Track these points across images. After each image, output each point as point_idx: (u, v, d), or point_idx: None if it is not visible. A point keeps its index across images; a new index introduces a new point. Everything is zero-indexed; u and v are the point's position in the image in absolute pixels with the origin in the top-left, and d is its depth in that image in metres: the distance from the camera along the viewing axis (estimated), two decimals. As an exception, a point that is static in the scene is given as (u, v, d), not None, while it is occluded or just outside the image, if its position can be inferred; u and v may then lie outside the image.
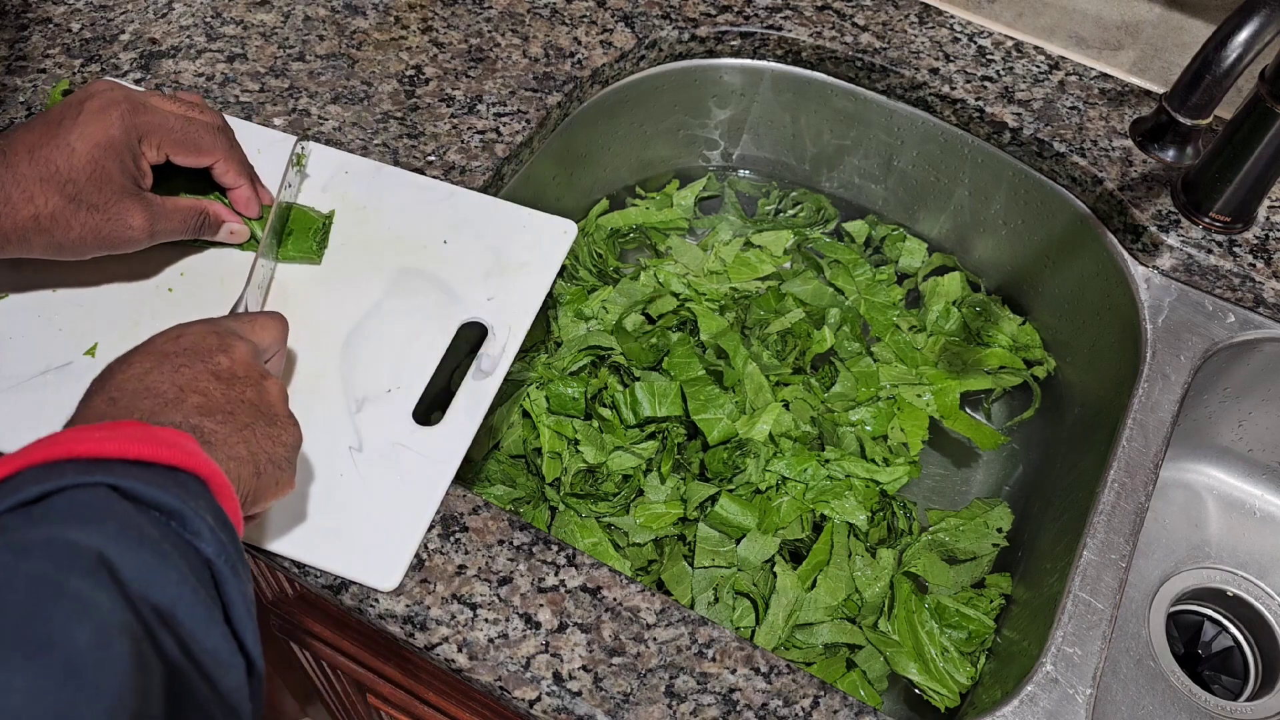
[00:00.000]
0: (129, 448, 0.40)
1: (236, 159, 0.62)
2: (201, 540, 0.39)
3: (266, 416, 0.48)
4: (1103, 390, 0.79)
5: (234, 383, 0.48)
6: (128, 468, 0.39)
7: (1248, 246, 0.77)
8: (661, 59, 0.88)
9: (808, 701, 0.55)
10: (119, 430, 0.41)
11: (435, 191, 0.69)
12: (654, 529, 0.73)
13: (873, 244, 0.95)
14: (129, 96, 0.57)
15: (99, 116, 0.55)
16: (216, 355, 0.48)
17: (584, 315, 0.84)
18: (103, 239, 0.57)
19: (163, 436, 0.41)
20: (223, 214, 0.63)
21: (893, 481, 0.77)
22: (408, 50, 0.82)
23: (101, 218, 0.56)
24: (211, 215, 0.62)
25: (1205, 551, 0.85)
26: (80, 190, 0.55)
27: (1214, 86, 0.61)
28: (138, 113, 0.57)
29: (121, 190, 0.56)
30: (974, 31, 0.88)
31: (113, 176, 0.55)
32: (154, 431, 0.41)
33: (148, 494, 0.38)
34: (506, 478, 0.76)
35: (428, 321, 0.63)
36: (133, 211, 0.57)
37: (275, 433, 0.48)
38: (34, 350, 0.60)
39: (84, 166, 0.54)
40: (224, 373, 0.48)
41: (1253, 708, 0.78)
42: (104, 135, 0.55)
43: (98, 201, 0.55)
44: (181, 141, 0.59)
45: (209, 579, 0.39)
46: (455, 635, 0.56)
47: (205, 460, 0.42)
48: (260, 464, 0.47)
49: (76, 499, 0.37)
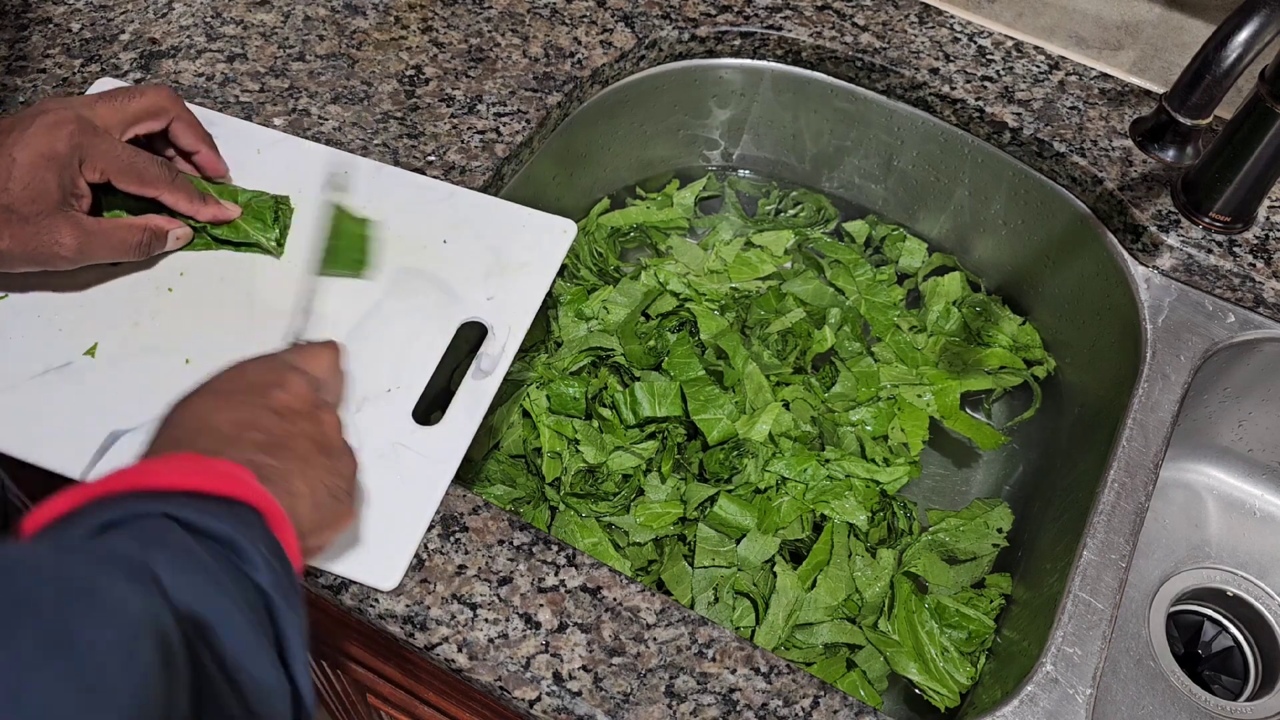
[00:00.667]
0: (186, 479, 0.41)
1: (182, 189, 0.62)
2: (257, 571, 0.40)
3: (324, 449, 0.49)
4: (1103, 390, 0.79)
5: (291, 418, 0.48)
6: (185, 498, 0.40)
7: (1248, 246, 0.77)
8: (661, 59, 0.88)
9: (808, 701, 0.55)
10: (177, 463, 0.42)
11: (435, 191, 0.69)
12: (654, 528, 0.73)
13: (873, 244, 0.95)
14: (80, 117, 0.57)
15: (47, 131, 0.55)
16: (273, 392, 0.49)
17: (584, 315, 0.84)
18: (30, 253, 0.56)
19: (219, 469, 0.42)
20: (163, 224, 0.62)
21: (893, 481, 0.77)
22: (408, 50, 0.82)
23: (30, 230, 0.55)
24: (154, 229, 0.62)
25: (1205, 551, 0.85)
26: (13, 200, 0.54)
27: (1214, 86, 0.61)
28: (85, 134, 0.57)
29: (54, 206, 0.56)
30: (974, 31, 0.88)
31: (48, 190, 0.55)
32: (211, 464, 0.42)
33: (204, 524, 0.39)
34: (506, 478, 0.76)
35: (427, 321, 0.63)
36: (61, 229, 0.56)
37: (332, 464, 0.49)
38: (34, 350, 0.60)
39: (21, 177, 0.54)
40: (281, 408, 0.48)
41: (1253, 708, 0.78)
42: (48, 148, 0.55)
43: (28, 214, 0.55)
44: (125, 170, 0.58)
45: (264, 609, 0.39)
46: (455, 635, 0.56)
47: (261, 492, 0.43)
48: (318, 497, 0.47)
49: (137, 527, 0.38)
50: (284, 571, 0.41)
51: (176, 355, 0.61)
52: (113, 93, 0.60)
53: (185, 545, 0.38)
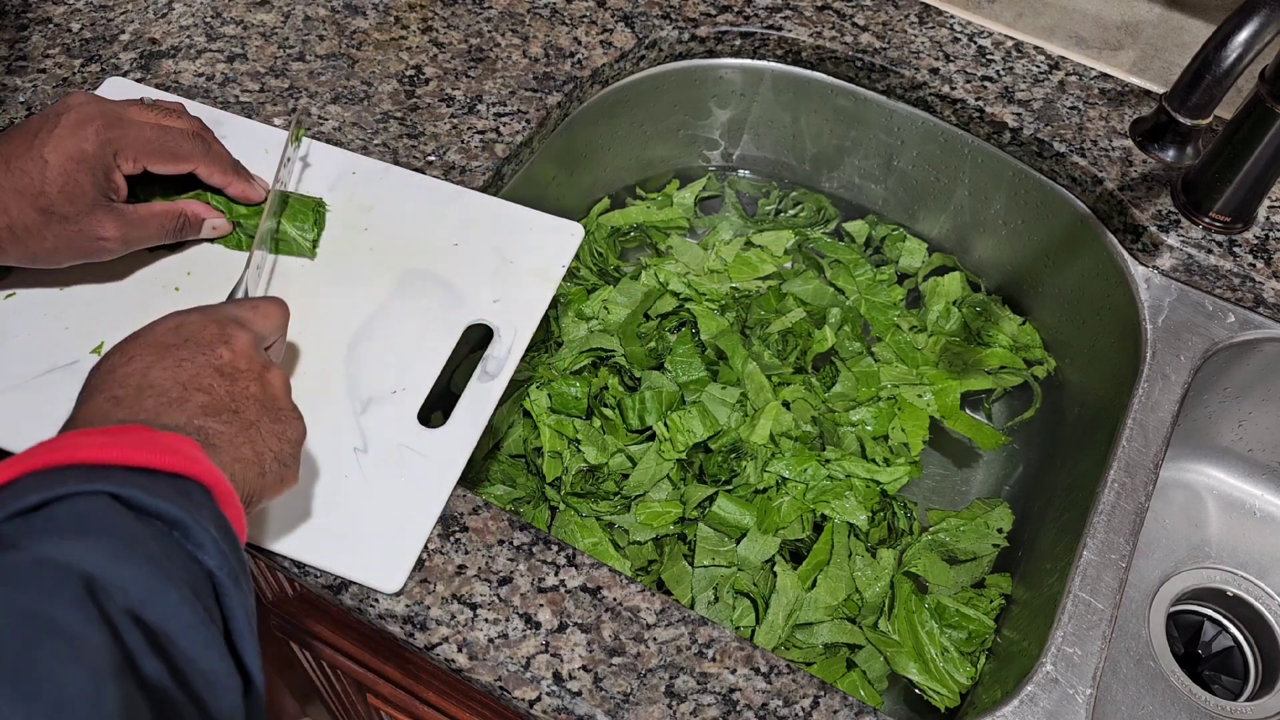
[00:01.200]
0: (132, 454, 0.39)
1: (218, 160, 0.62)
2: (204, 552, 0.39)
3: (271, 411, 0.48)
4: (1103, 390, 0.79)
5: (237, 377, 0.47)
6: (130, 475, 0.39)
7: (1248, 246, 0.77)
8: (661, 59, 0.88)
9: (808, 701, 0.55)
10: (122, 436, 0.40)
11: (442, 193, 0.69)
12: (654, 527, 0.73)
13: (873, 244, 0.95)
14: (104, 111, 0.57)
15: (74, 131, 0.55)
16: (218, 347, 0.48)
17: (584, 315, 0.84)
18: (76, 249, 0.57)
19: (166, 443, 0.41)
20: (201, 211, 0.63)
21: (893, 481, 0.77)
22: (408, 50, 0.82)
23: (74, 229, 0.56)
24: (190, 215, 0.62)
25: (1205, 551, 0.85)
26: (52, 202, 0.55)
27: (1214, 86, 0.61)
28: (112, 127, 0.57)
29: (93, 203, 0.56)
30: (974, 31, 0.88)
31: (84, 189, 0.56)
32: (157, 437, 0.41)
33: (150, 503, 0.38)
34: (507, 478, 0.76)
35: (433, 323, 0.63)
36: (104, 223, 0.57)
37: (280, 429, 0.48)
38: (40, 348, 0.60)
39: (56, 179, 0.55)
40: (226, 367, 0.47)
41: (1253, 708, 0.78)
42: (77, 149, 0.55)
43: (69, 213, 0.55)
44: (158, 151, 0.59)
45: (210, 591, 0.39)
46: (455, 635, 0.56)
47: (209, 467, 0.42)
48: (265, 463, 0.46)
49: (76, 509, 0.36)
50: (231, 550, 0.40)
51: None
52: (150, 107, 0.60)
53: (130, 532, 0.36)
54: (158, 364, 0.46)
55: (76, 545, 0.35)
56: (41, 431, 0.57)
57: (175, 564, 0.37)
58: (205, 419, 0.45)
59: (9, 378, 0.59)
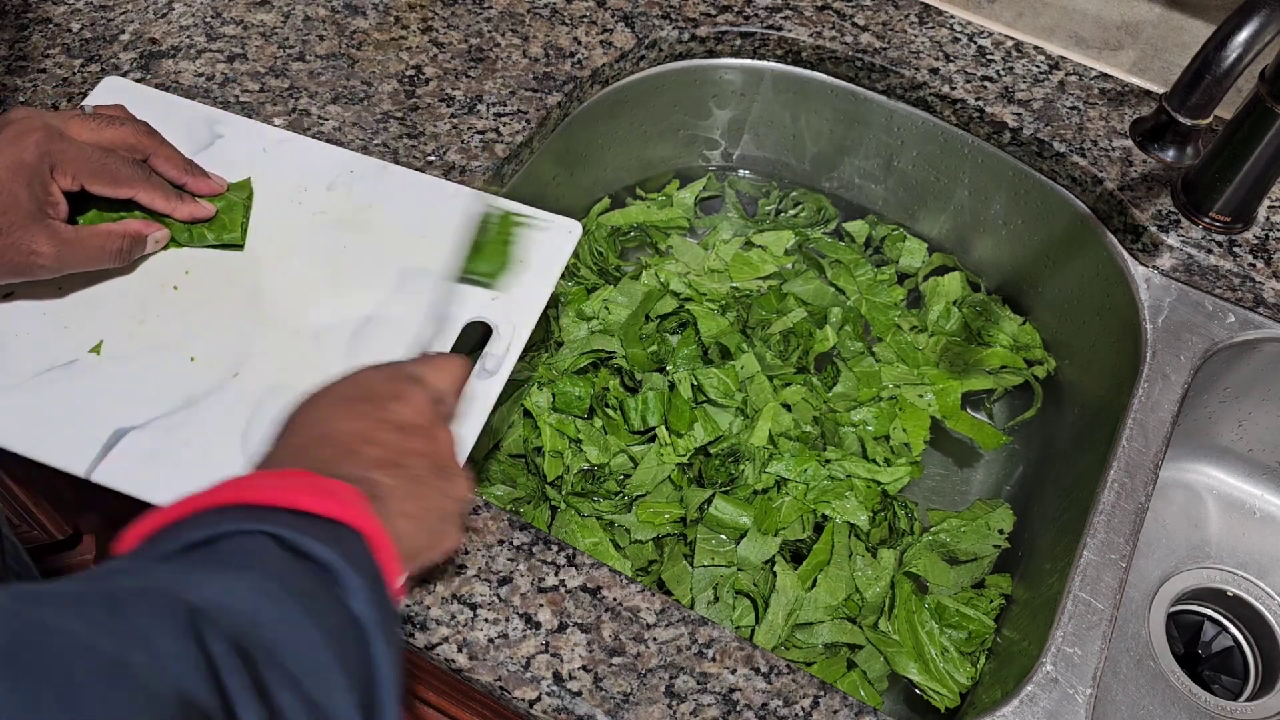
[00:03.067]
0: (294, 498, 0.40)
1: (158, 188, 0.61)
2: (354, 598, 0.39)
3: (438, 469, 0.48)
4: (1103, 390, 0.79)
5: (409, 433, 0.48)
6: (289, 517, 0.39)
7: (1248, 246, 0.77)
8: (661, 59, 0.88)
9: (808, 701, 0.55)
10: (288, 480, 0.41)
11: (441, 191, 0.69)
12: (655, 525, 0.73)
13: (873, 244, 0.95)
14: (46, 124, 0.56)
15: (13, 141, 0.55)
16: (394, 404, 0.48)
17: (585, 315, 0.84)
18: (7, 264, 0.56)
19: (330, 488, 0.41)
20: (141, 228, 0.62)
21: (894, 482, 0.77)
22: (408, 50, 0.82)
23: (5, 242, 0.55)
24: (133, 235, 0.61)
25: (1205, 551, 0.85)
26: None
27: (1214, 86, 0.61)
28: (53, 140, 0.56)
29: (28, 216, 0.55)
30: (974, 31, 0.88)
31: (20, 201, 0.55)
32: (322, 483, 0.42)
33: (303, 545, 0.38)
34: (507, 478, 0.76)
35: (432, 320, 0.63)
36: (37, 238, 0.56)
37: (446, 486, 0.48)
38: (39, 347, 0.60)
39: None
40: (400, 422, 0.48)
41: (1253, 708, 0.78)
42: (15, 159, 0.54)
43: (1, 225, 0.54)
44: (97, 173, 0.58)
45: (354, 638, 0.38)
46: (455, 635, 0.56)
47: (369, 516, 0.42)
48: (428, 520, 0.47)
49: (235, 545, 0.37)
50: (382, 601, 0.40)
51: (182, 353, 0.61)
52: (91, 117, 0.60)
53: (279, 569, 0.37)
54: (337, 416, 0.47)
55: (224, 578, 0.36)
56: (42, 429, 0.57)
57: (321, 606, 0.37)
58: (373, 471, 0.45)
59: (9, 376, 0.59)
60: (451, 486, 0.49)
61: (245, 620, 0.35)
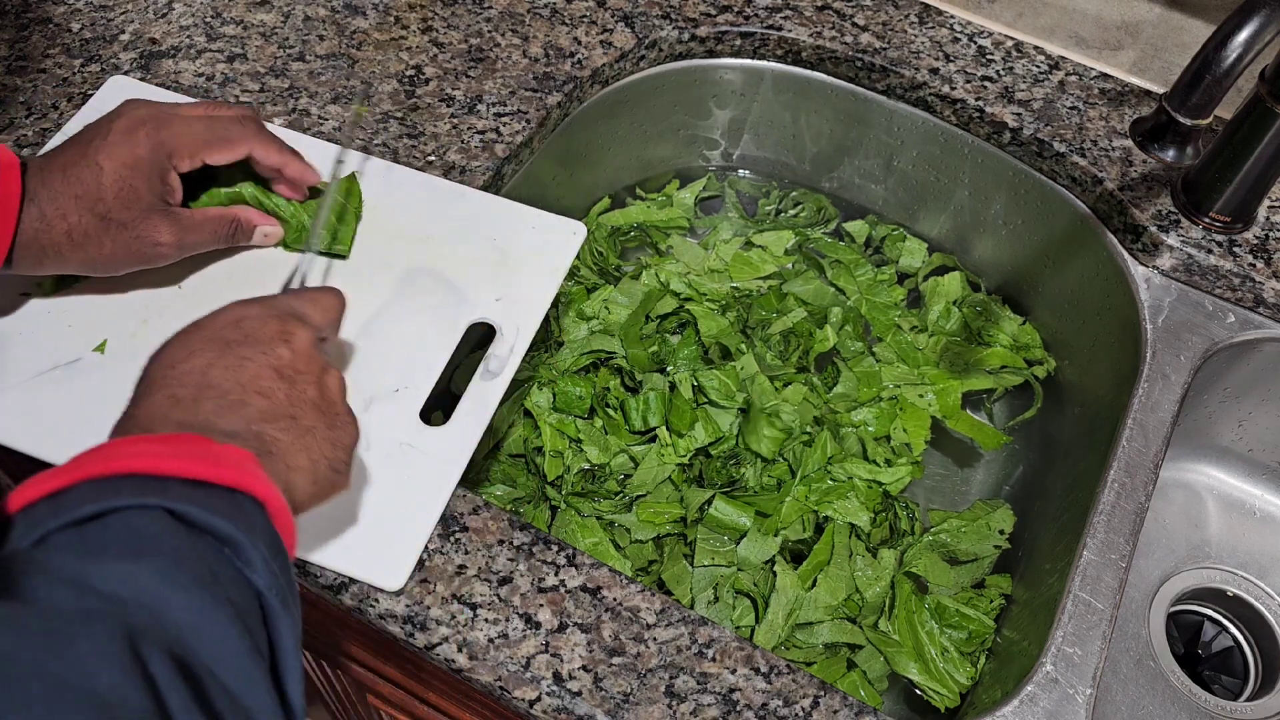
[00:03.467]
0: (189, 466, 0.39)
1: (271, 141, 0.61)
2: (254, 571, 0.38)
3: (327, 417, 0.47)
4: (1103, 390, 0.79)
5: (296, 380, 0.47)
6: (185, 488, 0.38)
7: (1248, 246, 0.77)
8: (661, 59, 0.88)
9: (808, 701, 0.55)
10: (181, 446, 0.40)
11: (445, 191, 0.69)
12: (656, 524, 0.73)
13: (873, 244, 0.95)
14: (154, 114, 0.57)
15: (125, 136, 0.56)
16: (278, 346, 0.47)
17: (585, 315, 0.84)
18: (133, 255, 0.57)
19: (224, 455, 0.40)
20: (254, 218, 0.63)
21: (895, 482, 0.77)
22: (408, 50, 0.82)
23: (130, 235, 0.56)
24: (243, 221, 0.62)
25: (1205, 551, 0.85)
26: (109, 209, 0.55)
27: (1214, 86, 0.61)
28: (162, 128, 0.57)
29: (149, 208, 0.56)
30: (974, 31, 0.88)
31: (140, 195, 0.56)
32: (215, 449, 0.40)
33: (204, 519, 0.37)
34: (507, 478, 0.76)
35: (435, 321, 0.63)
36: (159, 228, 0.57)
37: (335, 435, 0.47)
38: (43, 346, 0.60)
39: (111, 185, 0.55)
40: (286, 368, 0.47)
41: (1253, 708, 0.78)
42: (130, 155, 0.56)
43: (125, 219, 0.56)
44: (211, 142, 0.58)
45: (258, 613, 0.38)
46: (455, 635, 0.56)
47: (265, 481, 0.41)
48: (319, 470, 0.46)
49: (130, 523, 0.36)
50: (281, 570, 0.39)
51: None
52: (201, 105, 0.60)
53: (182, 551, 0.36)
54: (218, 362, 0.45)
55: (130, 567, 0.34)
56: (46, 428, 0.57)
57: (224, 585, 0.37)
58: (263, 424, 0.44)
59: (13, 375, 0.59)
60: (341, 435, 0.48)
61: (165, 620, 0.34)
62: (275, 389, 0.46)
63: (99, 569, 0.34)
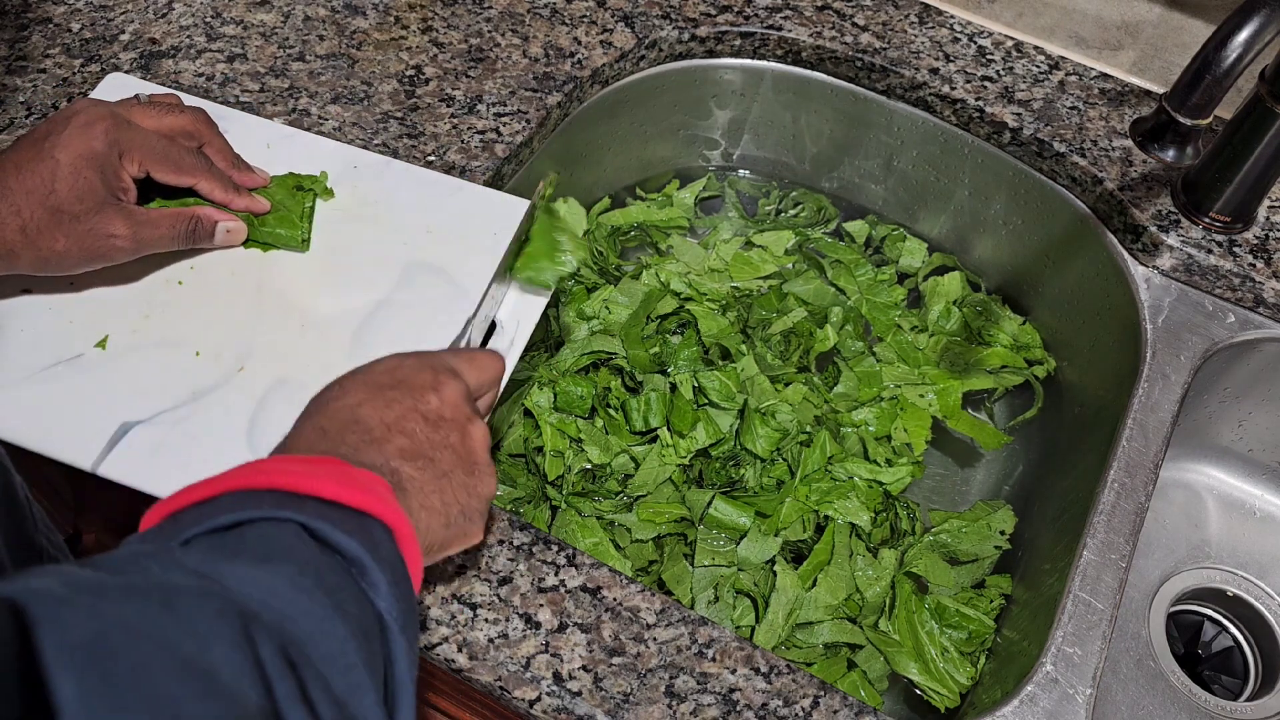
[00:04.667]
0: (324, 486, 0.40)
1: (219, 178, 0.62)
2: (377, 593, 0.39)
3: (466, 465, 0.48)
4: (1103, 390, 0.79)
5: (440, 425, 0.47)
6: (320, 507, 0.39)
7: (1248, 246, 0.77)
8: (661, 59, 0.88)
9: (808, 701, 0.55)
10: (318, 468, 0.41)
11: (444, 186, 0.69)
12: (657, 524, 0.73)
13: (873, 244, 0.95)
14: (113, 113, 0.58)
15: (82, 130, 0.56)
16: (427, 394, 0.48)
17: (585, 315, 0.84)
18: (87, 250, 0.57)
19: (359, 479, 0.41)
20: (213, 215, 0.63)
21: (896, 482, 0.77)
22: (408, 50, 0.82)
23: (83, 228, 0.56)
24: (203, 219, 0.62)
25: (1205, 551, 0.85)
26: (61, 201, 0.55)
27: (1214, 86, 0.61)
28: (120, 128, 0.57)
29: (102, 201, 0.56)
30: (974, 31, 0.88)
31: (94, 187, 0.56)
32: (351, 473, 0.41)
33: (333, 537, 0.38)
34: (507, 477, 0.76)
35: (437, 315, 0.63)
36: (113, 221, 0.57)
37: (472, 483, 0.48)
38: (44, 342, 0.60)
39: (66, 177, 0.55)
40: (432, 414, 0.47)
41: (1253, 708, 0.78)
42: (86, 147, 0.56)
43: (78, 211, 0.56)
44: (162, 160, 0.59)
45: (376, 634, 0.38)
46: (455, 635, 0.56)
47: (396, 509, 0.42)
48: (451, 516, 0.46)
49: (265, 533, 0.37)
50: (404, 596, 0.40)
51: (187, 348, 0.61)
52: (150, 104, 0.61)
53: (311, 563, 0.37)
54: (368, 402, 0.46)
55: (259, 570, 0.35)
56: (49, 423, 0.57)
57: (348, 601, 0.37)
58: (401, 461, 0.45)
59: (15, 371, 0.59)
60: (478, 483, 0.48)
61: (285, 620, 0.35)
62: (418, 431, 0.46)
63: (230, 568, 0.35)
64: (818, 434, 0.78)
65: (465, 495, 0.47)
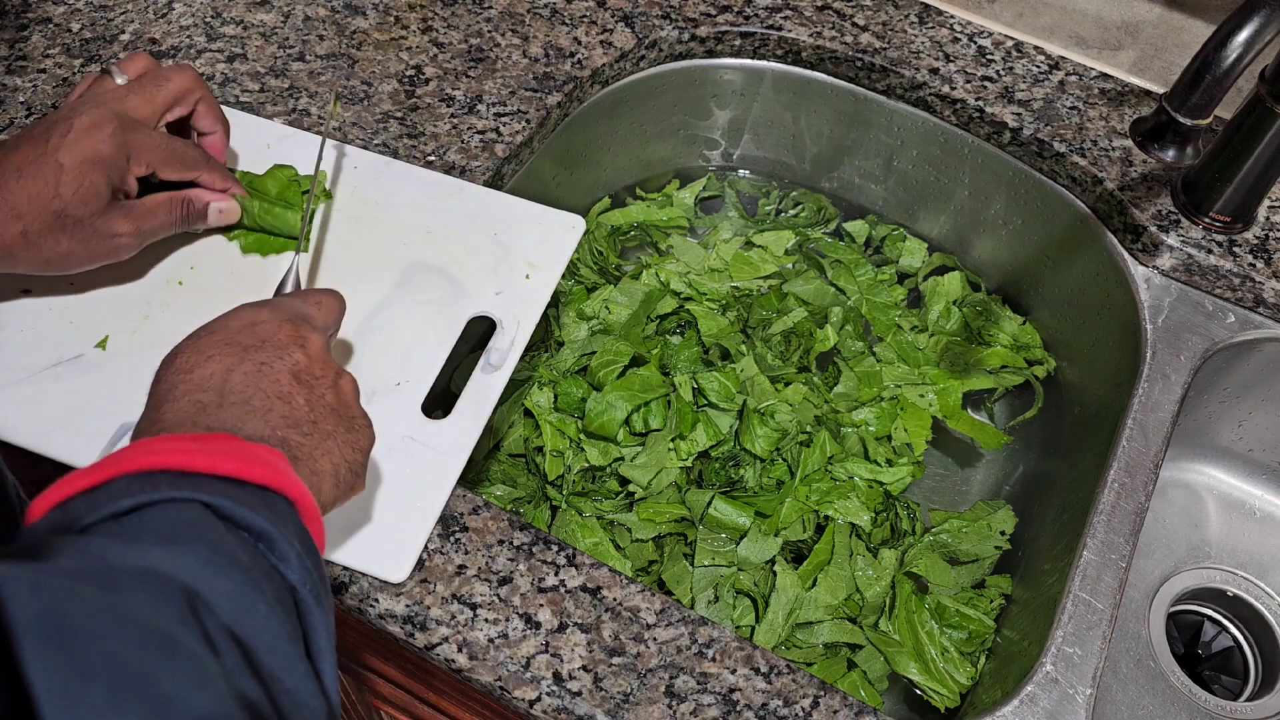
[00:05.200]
0: (223, 464, 0.39)
1: (218, 169, 0.63)
2: (288, 566, 0.38)
3: (345, 421, 0.48)
4: (1103, 390, 0.79)
5: (314, 385, 0.47)
6: (220, 484, 0.39)
7: (1248, 246, 0.77)
8: (661, 59, 0.88)
9: (808, 701, 0.55)
10: (213, 444, 0.40)
11: (444, 186, 0.69)
12: (657, 523, 0.73)
13: (873, 244, 0.95)
14: (116, 113, 0.57)
15: (88, 133, 0.55)
16: (293, 351, 0.48)
17: (585, 315, 0.84)
18: (91, 251, 0.57)
19: (256, 454, 0.41)
20: (204, 195, 0.63)
21: (896, 482, 0.77)
22: (408, 50, 0.82)
23: (88, 231, 0.56)
24: (194, 200, 0.62)
25: (1205, 551, 0.85)
26: (66, 205, 0.55)
27: (1214, 86, 0.61)
28: (127, 130, 0.57)
29: (107, 204, 0.56)
30: (974, 31, 0.88)
31: (99, 191, 0.56)
32: (247, 448, 0.41)
33: (239, 514, 0.38)
34: (507, 478, 0.76)
35: (437, 315, 0.64)
36: (116, 220, 0.57)
37: (353, 439, 0.48)
38: (45, 342, 0.60)
39: (71, 182, 0.55)
40: (303, 373, 0.47)
41: (1253, 708, 0.78)
42: (93, 151, 0.55)
43: (83, 215, 0.55)
44: (169, 159, 0.59)
45: (292, 607, 0.38)
46: (455, 635, 0.56)
47: (295, 481, 0.42)
48: (340, 475, 0.47)
49: (169, 515, 0.36)
50: (314, 566, 0.40)
51: None
52: (140, 83, 0.60)
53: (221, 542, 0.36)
54: (237, 367, 0.46)
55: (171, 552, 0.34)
56: (49, 424, 0.57)
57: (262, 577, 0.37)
58: (287, 430, 0.45)
59: (15, 371, 0.59)
60: (358, 437, 0.49)
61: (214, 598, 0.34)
62: (295, 394, 0.46)
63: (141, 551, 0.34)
64: (818, 434, 0.78)
65: (350, 451, 0.47)
